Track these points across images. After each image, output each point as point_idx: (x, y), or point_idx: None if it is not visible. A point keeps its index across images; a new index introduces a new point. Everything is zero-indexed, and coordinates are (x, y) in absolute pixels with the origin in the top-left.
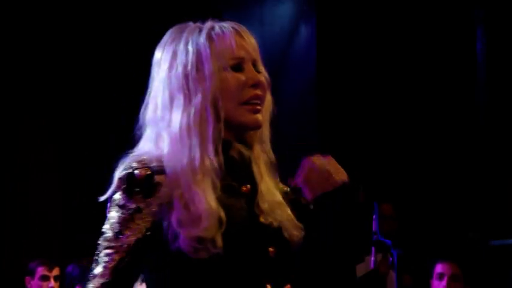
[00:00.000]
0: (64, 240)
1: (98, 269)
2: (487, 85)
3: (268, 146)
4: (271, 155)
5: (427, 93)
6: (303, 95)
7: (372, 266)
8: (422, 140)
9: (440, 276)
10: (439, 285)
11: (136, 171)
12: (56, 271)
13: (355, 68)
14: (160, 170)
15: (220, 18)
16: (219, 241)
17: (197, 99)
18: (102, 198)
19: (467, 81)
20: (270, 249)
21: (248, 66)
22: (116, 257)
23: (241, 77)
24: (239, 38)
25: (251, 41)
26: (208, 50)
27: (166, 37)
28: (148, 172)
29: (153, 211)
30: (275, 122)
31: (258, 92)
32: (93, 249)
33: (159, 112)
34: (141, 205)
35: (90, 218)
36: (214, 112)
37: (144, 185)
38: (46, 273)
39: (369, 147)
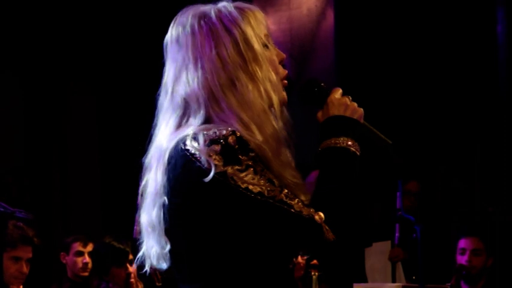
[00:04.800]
0: (103, 216)
1: (296, 207)
2: (508, 67)
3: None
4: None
5: (449, 76)
6: (329, 75)
7: (396, 242)
8: (444, 120)
9: (463, 251)
10: (462, 259)
11: (229, 138)
12: (90, 247)
13: (377, 49)
14: (242, 135)
15: (249, 2)
16: None
17: (258, 78)
18: (207, 179)
19: (488, 63)
20: None
21: (272, 42)
22: (288, 191)
23: (274, 53)
24: (262, 16)
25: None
26: (250, 29)
27: (188, 18)
28: (238, 134)
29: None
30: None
31: (285, 68)
32: (132, 224)
33: (216, 92)
34: (253, 157)
35: (128, 191)
36: (272, 86)
37: (240, 146)
38: (81, 249)
39: (391, 125)
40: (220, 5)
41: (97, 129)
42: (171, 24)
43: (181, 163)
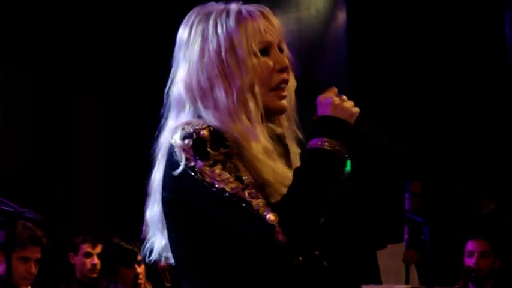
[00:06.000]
0: (108, 216)
1: (255, 206)
2: None
3: (295, 123)
4: (297, 132)
5: (457, 77)
6: (338, 77)
7: (405, 244)
8: (451, 121)
9: (471, 254)
10: (470, 261)
11: (201, 133)
12: (99, 248)
13: (386, 51)
14: (219, 130)
15: (257, 1)
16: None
17: (236, 85)
18: (176, 173)
19: (496, 64)
20: None
21: (274, 50)
22: (254, 191)
23: (269, 61)
24: (266, 22)
25: (276, 23)
26: (239, 36)
27: (192, 17)
28: (211, 129)
29: (236, 153)
30: (312, 104)
31: (285, 76)
32: (136, 224)
33: (197, 96)
34: (225, 153)
35: (133, 190)
36: (253, 98)
37: (213, 140)
38: (89, 250)
39: (400, 126)
40: (228, 6)
41: (101, 129)
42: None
43: (167, 157)
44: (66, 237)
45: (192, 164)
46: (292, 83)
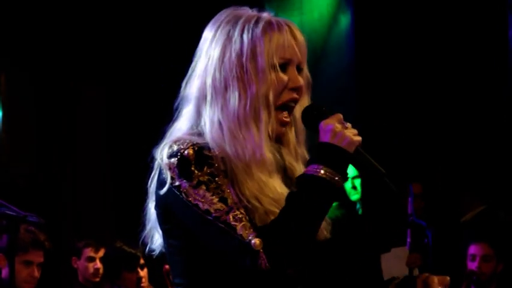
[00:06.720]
0: (113, 219)
1: (239, 230)
2: None
3: (303, 142)
4: (302, 150)
5: (459, 78)
6: (341, 80)
7: (407, 247)
8: (452, 120)
9: (473, 257)
10: (472, 265)
11: (185, 152)
12: (101, 252)
13: (391, 53)
14: (206, 146)
15: (262, 7)
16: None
17: (251, 92)
18: (163, 191)
19: (497, 65)
20: None
21: (292, 68)
22: (238, 212)
23: (284, 78)
24: (291, 38)
25: (301, 41)
26: (263, 45)
27: (222, 16)
28: (196, 148)
29: (223, 170)
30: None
31: (295, 95)
32: (140, 228)
33: (208, 93)
34: (210, 173)
35: (137, 193)
36: (266, 109)
37: (198, 160)
38: (92, 254)
39: (405, 129)
40: (259, 14)
41: (107, 131)
42: None
43: (156, 172)
44: (69, 241)
45: (177, 183)
46: (304, 103)
